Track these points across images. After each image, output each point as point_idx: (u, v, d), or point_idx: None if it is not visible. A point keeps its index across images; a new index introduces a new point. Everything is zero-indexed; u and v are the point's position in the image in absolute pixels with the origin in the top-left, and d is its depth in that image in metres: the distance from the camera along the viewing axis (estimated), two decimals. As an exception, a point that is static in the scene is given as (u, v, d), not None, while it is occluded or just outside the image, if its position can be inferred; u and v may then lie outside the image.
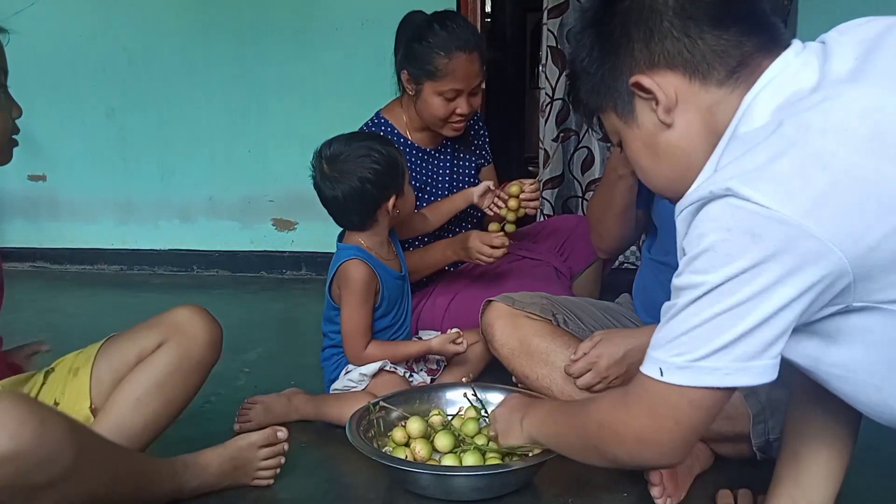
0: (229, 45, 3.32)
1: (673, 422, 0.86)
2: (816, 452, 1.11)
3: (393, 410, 1.54)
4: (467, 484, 1.34)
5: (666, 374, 0.84)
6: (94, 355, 1.34)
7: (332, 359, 1.80)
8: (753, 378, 0.80)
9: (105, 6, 3.35)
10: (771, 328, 0.78)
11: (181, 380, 1.33)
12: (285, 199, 3.39)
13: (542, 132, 3.13)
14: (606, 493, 1.38)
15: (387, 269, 1.75)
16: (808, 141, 0.75)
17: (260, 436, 1.37)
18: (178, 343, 1.33)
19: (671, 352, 0.83)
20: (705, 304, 0.79)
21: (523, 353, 1.61)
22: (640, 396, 0.88)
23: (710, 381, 0.81)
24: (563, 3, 2.99)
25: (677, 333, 0.83)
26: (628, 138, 0.97)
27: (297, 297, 3.09)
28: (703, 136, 0.89)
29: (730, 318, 0.78)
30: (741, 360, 0.79)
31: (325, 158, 1.67)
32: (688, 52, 0.87)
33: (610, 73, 0.93)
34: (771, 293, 0.76)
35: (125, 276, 3.50)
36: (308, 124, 3.23)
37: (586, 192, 3.13)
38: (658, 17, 0.88)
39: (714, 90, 0.88)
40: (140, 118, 3.45)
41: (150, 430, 1.30)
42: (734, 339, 0.78)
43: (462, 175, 2.22)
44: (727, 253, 0.77)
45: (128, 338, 1.37)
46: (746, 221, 0.75)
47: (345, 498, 1.43)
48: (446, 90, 1.93)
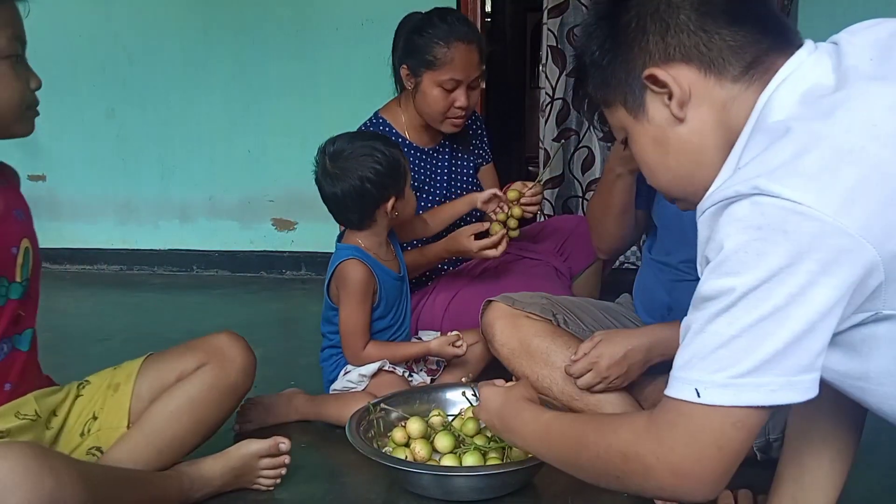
0: (229, 45, 3.32)
1: (716, 448, 0.78)
2: (819, 453, 1.10)
3: (392, 411, 1.53)
4: (467, 484, 1.34)
5: (704, 395, 0.76)
6: (136, 373, 1.37)
7: (331, 359, 1.79)
8: (801, 394, 0.75)
9: (105, 6, 3.35)
10: (817, 335, 0.73)
11: (215, 401, 1.36)
12: (285, 199, 3.40)
13: (543, 132, 3.13)
14: (606, 494, 1.37)
15: (385, 270, 1.74)
16: (835, 136, 0.74)
17: (262, 445, 1.38)
18: (216, 366, 1.37)
19: (708, 369, 0.76)
20: (741, 312, 0.74)
21: (523, 354, 1.61)
22: (675, 423, 0.80)
23: (757, 398, 0.74)
24: (564, 3, 2.99)
25: (712, 348, 0.76)
26: (636, 133, 0.95)
27: (297, 297, 3.09)
28: (716, 133, 0.88)
29: (771, 325, 0.72)
30: (789, 373, 0.74)
31: (327, 155, 1.68)
32: (704, 46, 0.87)
33: (622, 66, 0.92)
34: (810, 294, 0.72)
35: (125, 276, 3.50)
36: (308, 124, 3.23)
37: (586, 191, 3.13)
38: (675, 10, 0.88)
39: (729, 86, 0.87)
40: (140, 118, 3.45)
41: (178, 445, 1.32)
42: (780, 348, 0.73)
43: (460, 175, 2.21)
44: (759, 252, 0.72)
45: (168, 358, 1.40)
46: (777, 218, 0.72)
47: (345, 498, 1.42)
48: (445, 80, 1.94)
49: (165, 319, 2.80)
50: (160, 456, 1.29)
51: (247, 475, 1.38)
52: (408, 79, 2.01)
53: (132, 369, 1.38)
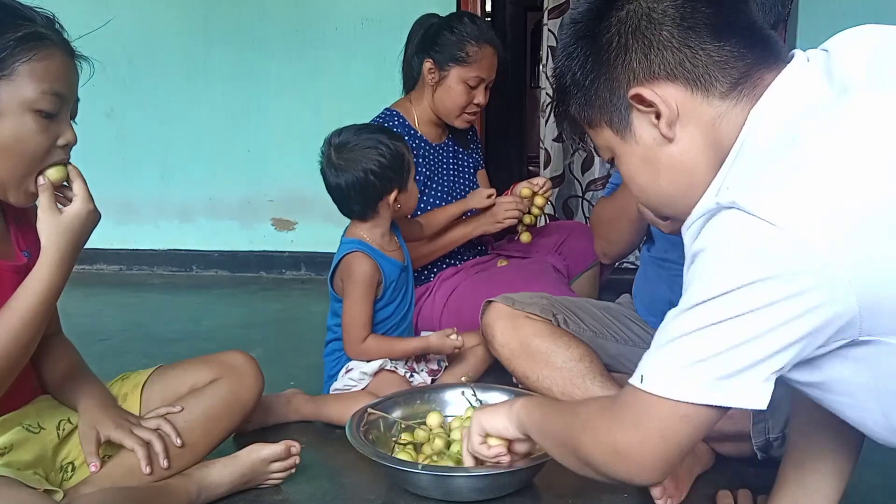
0: (229, 45, 3.32)
1: (659, 436, 0.81)
2: (822, 455, 1.10)
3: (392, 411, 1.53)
4: (467, 485, 1.34)
5: (646, 382, 0.81)
6: (143, 383, 1.37)
7: (335, 354, 1.80)
8: (739, 399, 0.76)
9: (105, 6, 3.35)
10: (763, 346, 0.74)
11: (226, 415, 1.38)
12: (285, 199, 3.40)
13: (543, 132, 3.14)
14: (606, 494, 1.37)
15: (389, 260, 1.76)
16: (822, 158, 0.73)
17: (273, 450, 1.39)
18: (231, 381, 1.39)
19: (656, 359, 0.81)
20: (695, 316, 0.77)
21: (524, 354, 1.61)
22: (628, 405, 0.84)
23: (691, 393, 0.77)
24: (564, 3, 2.99)
25: (665, 341, 0.80)
26: (624, 154, 0.93)
27: (297, 297, 3.09)
28: (707, 151, 0.86)
29: (721, 329, 0.75)
30: (725, 375, 0.76)
31: (333, 146, 1.70)
32: (689, 63, 0.85)
33: (605, 86, 0.90)
34: (765, 312, 0.73)
35: (124, 276, 3.50)
36: (308, 124, 3.23)
37: (586, 191, 3.13)
38: (657, 27, 0.86)
39: (717, 103, 0.85)
40: (140, 118, 3.45)
41: (189, 455, 1.32)
42: (720, 352, 0.75)
43: (463, 171, 2.30)
44: (726, 265, 0.74)
45: (180, 370, 1.42)
46: (747, 235, 0.72)
47: (345, 498, 1.42)
48: (471, 77, 2.08)
49: (165, 319, 2.80)
50: (171, 462, 1.28)
51: (256, 479, 1.39)
52: (431, 72, 2.11)
53: (139, 380, 1.39)
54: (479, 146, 2.41)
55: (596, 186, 3.14)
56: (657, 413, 0.80)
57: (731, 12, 0.86)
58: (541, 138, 3.16)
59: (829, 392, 0.83)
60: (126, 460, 1.25)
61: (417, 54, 2.14)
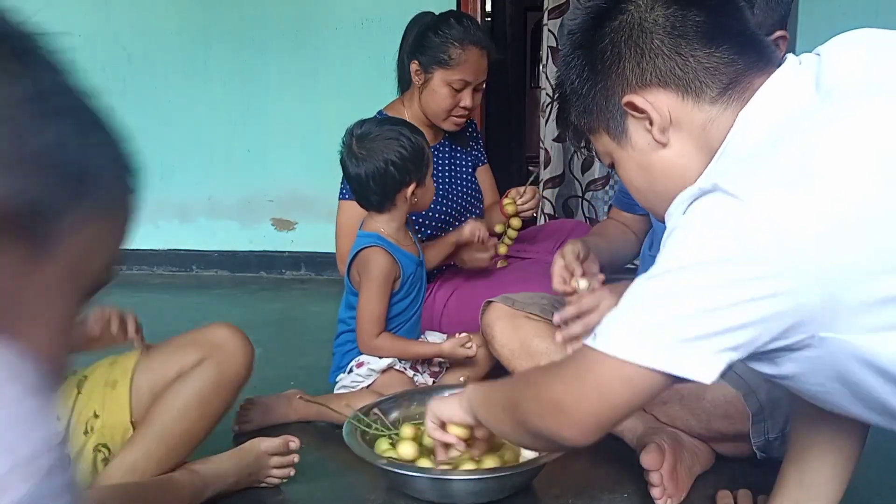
0: (229, 45, 3.32)
1: (597, 393, 0.82)
2: (823, 455, 1.10)
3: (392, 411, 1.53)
4: (465, 488, 1.34)
5: (596, 339, 0.81)
6: (133, 368, 1.36)
7: (346, 346, 1.81)
8: (684, 366, 0.76)
9: (105, 6, 3.35)
10: (719, 319, 0.74)
11: (219, 396, 1.36)
12: (285, 198, 3.39)
13: (543, 132, 3.14)
14: (606, 494, 1.37)
15: (406, 255, 1.76)
16: (803, 157, 0.73)
17: (272, 443, 1.39)
18: (219, 361, 1.36)
19: (609, 320, 0.81)
20: (657, 282, 0.78)
21: (524, 354, 1.61)
22: (574, 360, 0.86)
23: (640, 356, 0.77)
24: (564, 4, 2.99)
25: (624, 306, 0.81)
26: (622, 159, 0.96)
27: (297, 297, 3.09)
28: (698, 154, 0.89)
29: (678, 298, 0.75)
30: (675, 341, 0.75)
31: (354, 136, 1.70)
32: (680, 70, 0.87)
33: (601, 94, 0.93)
34: (728, 288, 0.73)
35: (124, 276, 3.50)
36: (307, 124, 3.23)
37: (586, 191, 3.13)
38: (649, 35, 0.88)
39: (707, 108, 0.88)
40: (140, 118, 3.44)
41: (188, 440, 1.32)
42: (675, 317, 0.75)
43: (460, 172, 2.27)
44: (699, 239, 0.75)
45: (166, 353, 1.39)
46: (724, 214, 0.73)
47: (344, 498, 1.42)
48: (455, 80, 2.02)
49: (165, 319, 2.79)
50: (171, 453, 1.29)
51: (258, 473, 1.39)
52: (417, 74, 2.07)
53: (127, 364, 1.37)
54: (480, 143, 2.37)
55: (596, 186, 3.14)
56: (600, 370, 0.81)
57: (722, 19, 0.88)
58: (541, 138, 3.16)
59: (803, 384, 0.84)
60: (126, 460, 1.25)
61: (408, 55, 2.11)
